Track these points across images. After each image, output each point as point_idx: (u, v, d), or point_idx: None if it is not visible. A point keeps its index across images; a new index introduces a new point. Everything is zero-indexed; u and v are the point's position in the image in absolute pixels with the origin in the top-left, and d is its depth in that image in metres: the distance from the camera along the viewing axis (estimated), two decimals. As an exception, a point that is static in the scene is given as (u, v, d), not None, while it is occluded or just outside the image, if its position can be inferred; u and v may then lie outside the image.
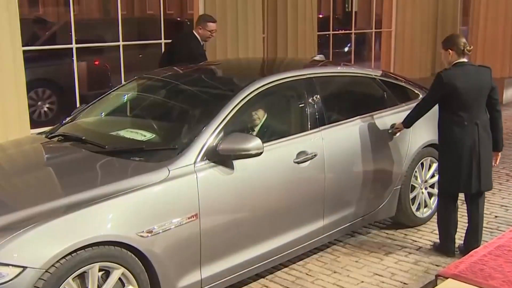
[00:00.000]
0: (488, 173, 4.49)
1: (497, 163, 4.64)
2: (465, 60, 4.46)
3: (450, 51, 4.43)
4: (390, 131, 4.79)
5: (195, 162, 3.51)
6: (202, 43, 6.27)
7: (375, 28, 12.49)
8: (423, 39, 11.14)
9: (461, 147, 4.38)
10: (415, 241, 4.96)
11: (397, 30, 11.12)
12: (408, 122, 4.68)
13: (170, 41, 6.95)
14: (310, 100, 4.35)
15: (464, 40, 4.45)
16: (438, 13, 11.48)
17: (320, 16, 16.40)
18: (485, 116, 4.46)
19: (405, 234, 5.07)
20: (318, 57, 5.93)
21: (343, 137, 4.44)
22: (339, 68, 5.16)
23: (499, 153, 4.62)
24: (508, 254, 3.90)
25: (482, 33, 11.63)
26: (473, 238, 4.58)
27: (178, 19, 19.64)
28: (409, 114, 4.68)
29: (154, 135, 4.04)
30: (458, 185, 4.47)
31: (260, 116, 4.29)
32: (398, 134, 4.79)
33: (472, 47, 4.52)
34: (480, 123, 4.40)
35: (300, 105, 4.37)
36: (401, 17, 11.03)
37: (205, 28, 6.20)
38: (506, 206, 5.77)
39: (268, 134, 4.19)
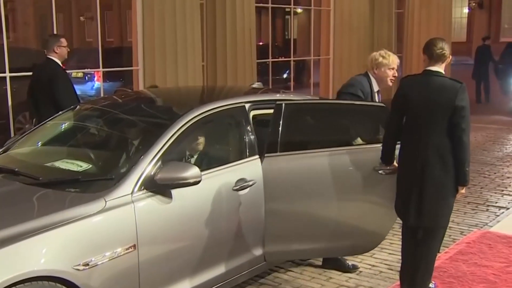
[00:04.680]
0: (436, 207, 3.82)
1: (459, 197, 3.99)
2: (437, 69, 3.89)
3: (424, 55, 3.97)
4: (380, 171, 4.32)
5: (132, 192, 3.46)
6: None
7: (314, 55, 12.71)
8: (360, 66, 11.40)
9: (405, 170, 3.91)
10: (364, 259, 5.01)
11: (335, 57, 11.36)
12: (383, 155, 4.14)
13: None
14: (248, 127, 4.37)
15: (441, 44, 3.89)
16: (374, 40, 11.82)
17: (260, 43, 16.63)
18: (443, 141, 3.77)
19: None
20: (256, 85, 5.98)
21: (285, 165, 4.33)
22: (277, 95, 5.21)
23: (463, 188, 3.89)
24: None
25: (415, 59, 12.02)
26: (406, 282, 4.03)
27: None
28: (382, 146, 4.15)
29: (90, 166, 3.98)
30: (399, 212, 4.01)
31: (198, 144, 4.29)
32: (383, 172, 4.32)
33: (445, 52, 3.91)
34: (434, 147, 3.77)
35: (239, 133, 4.38)
36: (338, 44, 11.29)
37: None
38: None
39: (207, 162, 4.18)
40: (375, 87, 4.95)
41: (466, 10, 35.31)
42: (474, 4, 34.22)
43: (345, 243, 4.56)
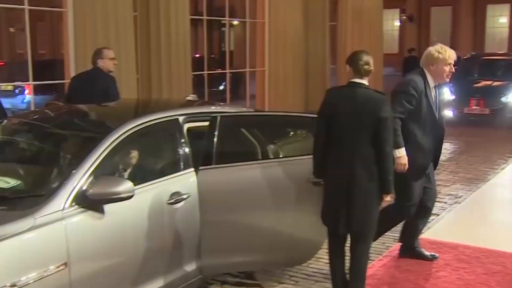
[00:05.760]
0: (364, 216, 3.98)
1: (384, 204, 4.21)
2: (361, 81, 4.02)
3: (348, 67, 4.06)
4: (314, 182, 4.31)
5: (63, 209, 3.37)
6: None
7: (250, 67, 12.78)
8: (295, 78, 11.57)
9: (334, 182, 4.04)
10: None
11: (271, 69, 11.46)
12: (314, 168, 4.18)
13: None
14: (183, 140, 4.34)
15: (367, 58, 4.02)
16: (308, 52, 11.99)
17: (196, 55, 16.60)
18: (367, 151, 3.93)
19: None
20: (191, 97, 5.97)
21: (220, 178, 4.33)
22: (213, 107, 5.21)
23: (388, 195, 4.10)
24: None
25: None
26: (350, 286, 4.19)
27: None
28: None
29: (19, 182, 3.87)
30: (327, 222, 4.13)
31: (132, 158, 4.23)
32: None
33: (371, 69, 4.04)
34: (359, 157, 3.93)
35: (173, 146, 4.35)
36: (273, 56, 11.40)
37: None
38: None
39: (141, 176, 4.13)
40: (431, 83, 4.79)
41: (397, 23, 36.37)
42: (404, 17, 35.33)
43: (282, 254, 4.59)
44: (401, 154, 4.58)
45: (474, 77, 14.65)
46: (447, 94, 14.13)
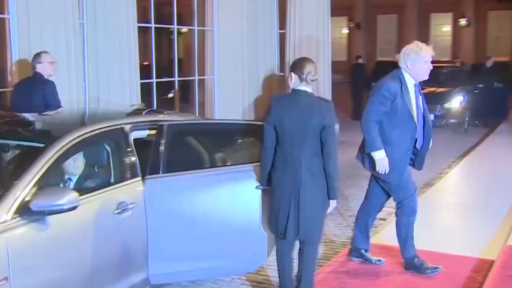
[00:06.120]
0: (312, 221, 4.06)
1: (330, 210, 4.22)
2: (305, 88, 4.06)
3: (293, 74, 4.09)
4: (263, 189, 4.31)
5: (4, 221, 3.28)
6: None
7: (199, 75, 12.72)
8: (244, 85, 11.57)
9: (281, 189, 4.08)
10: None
11: (219, 77, 11.44)
12: (262, 176, 4.22)
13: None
14: (129, 149, 4.29)
15: (311, 67, 4.06)
16: (258, 60, 12.02)
17: (145, 63, 16.42)
18: (314, 158, 4.01)
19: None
20: (138, 106, 5.92)
21: (168, 186, 4.30)
22: (160, 116, 5.17)
23: (334, 201, 4.17)
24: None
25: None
26: None
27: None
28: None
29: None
30: (276, 229, 4.16)
31: (77, 168, 4.16)
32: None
33: (316, 77, 4.11)
34: (305, 164, 3.99)
35: (119, 155, 4.29)
36: (222, 64, 11.38)
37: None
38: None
39: (86, 186, 4.07)
40: (410, 82, 4.79)
41: (345, 31, 36.95)
42: (352, 25, 35.93)
43: (231, 262, 4.58)
44: (381, 156, 4.67)
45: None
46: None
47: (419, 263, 4.94)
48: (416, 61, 4.74)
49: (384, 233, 6.14)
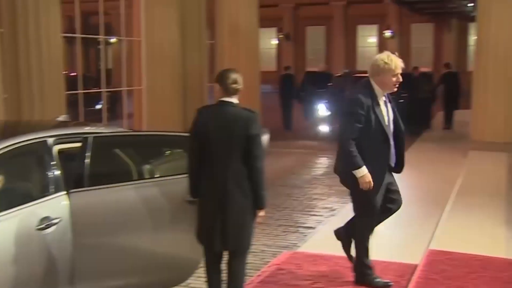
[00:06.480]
0: (240, 232, 4.06)
1: (259, 220, 4.20)
2: (230, 99, 4.07)
3: (218, 86, 4.09)
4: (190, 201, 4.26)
5: None
6: None
7: (128, 86, 12.59)
8: (173, 96, 11.52)
9: (208, 200, 4.08)
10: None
11: (148, 87, 11.35)
12: (189, 187, 4.16)
13: None
14: (52, 163, 4.17)
15: (234, 77, 4.07)
16: (186, 71, 12.00)
17: (72, 74, 16.09)
18: (240, 168, 4.01)
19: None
20: (63, 118, 5.77)
21: (93, 200, 4.18)
22: (86, 128, 5.05)
23: (262, 211, 4.15)
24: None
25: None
26: None
27: None
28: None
29: None
30: (202, 240, 4.15)
31: (-4, 183, 4.01)
32: None
33: (240, 87, 4.10)
34: (232, 175, 4.00)
35: (42, 169, 4.16)
36: (150, 75, 11.30)
37: None
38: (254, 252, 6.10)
39: (7, 202, 3.91)
40: (380, 94, 4.71)
41: (275, 41, 37.40)
42: (281, 36, 36.42)
43: (160, 275, 4.52)
44: (363, 173, 4.57)
45: (347, 94, 15.33)
46: (323, 110, 14.68)
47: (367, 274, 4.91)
48: (386, 73, 4.66)
49: (313, 242, 6.23)
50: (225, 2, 13.01)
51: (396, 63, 4.66)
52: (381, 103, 4.73)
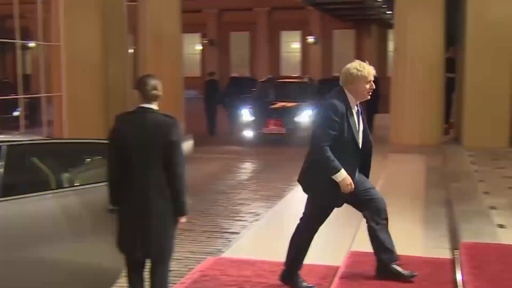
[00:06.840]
0: (161, 240, 4.01)
1: (181, 226, 4.18)
2: (149, 105, 4.02)
3: (137, 92, 4.02)
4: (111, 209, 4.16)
5: None
6: None
7: (47, 92, 12.22)
8: (95, 103, 11.27)
9: (128, 208, 4.02)
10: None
11: (68, 94, 11.07)
12: (108, 196, 4.09)
13: None
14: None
15: (154, 82, 4.02)
16: (109, 78, 11.78)
17: (-13, 80, 15.50)
18: (160, 175, 3.96)
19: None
20: (-24, 126, 5.56)
21: (8, 211, 4.04)
22: (0, 136, 4.88)
23: (183, 217, 4.11)
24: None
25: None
26: None
27: None
28: None
29: None
30: (123, 249, 4.07)
31: None
32: None
33: (159, 93, 4.04)
34: (152, 182, 3.95)
35: None
36: (71, 81, 11.03)
37: None
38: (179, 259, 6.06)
39: None
40: (353, 102, 4.65)
41: (199, 47, 37.33)
42: (205, 41, 36.40)
43: (83, 285, 4.43)
44: (342, 176, 4.53)
45: (271, 99, 15.54)
46: (247, 115, 14.78)
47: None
48: (359, 80, 4.63)
49: (237, 247, 6.24)
50: (147, 7, 12.90)
51: (369, 70, 4.67)
52: (354, 112, 4.70)
